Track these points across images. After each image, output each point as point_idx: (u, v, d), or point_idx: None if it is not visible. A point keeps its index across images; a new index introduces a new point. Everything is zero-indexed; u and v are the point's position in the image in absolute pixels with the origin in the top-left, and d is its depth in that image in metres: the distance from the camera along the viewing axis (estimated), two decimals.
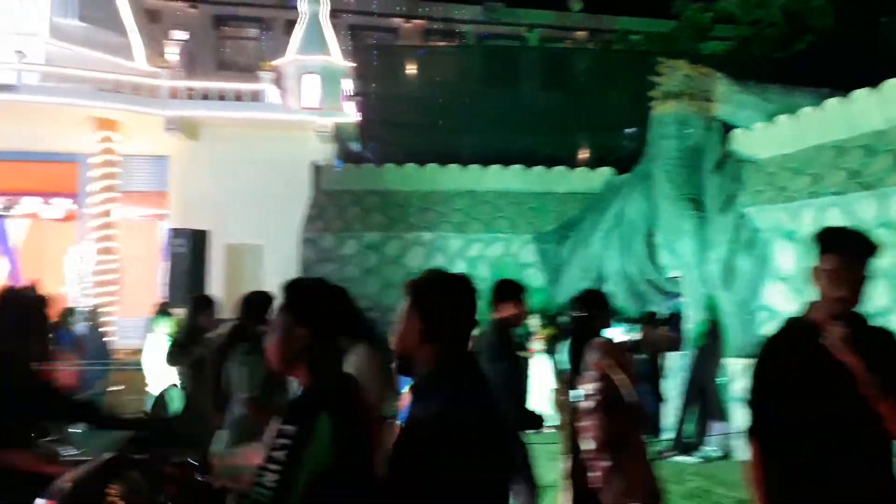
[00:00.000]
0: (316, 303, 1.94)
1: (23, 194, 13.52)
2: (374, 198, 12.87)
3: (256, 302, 3.78)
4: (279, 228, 12.71)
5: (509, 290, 3.94)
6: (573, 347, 3.99)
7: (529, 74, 15.09)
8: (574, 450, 3.87)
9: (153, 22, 17.31)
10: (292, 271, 12.07)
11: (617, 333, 5.83)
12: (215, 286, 11.98)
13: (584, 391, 3.65)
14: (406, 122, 14.52)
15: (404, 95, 14.94)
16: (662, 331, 8.71)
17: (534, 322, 9.68)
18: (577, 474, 3.79)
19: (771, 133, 9.21)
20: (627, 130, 13.67)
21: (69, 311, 10.49)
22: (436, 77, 15.51)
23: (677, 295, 9.86)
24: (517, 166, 13.10)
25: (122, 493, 2.04)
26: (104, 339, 10.26)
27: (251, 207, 13.09)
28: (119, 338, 11.97)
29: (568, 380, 4.09)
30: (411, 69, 15.54)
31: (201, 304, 4.84)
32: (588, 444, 3.58)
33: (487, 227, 12.69)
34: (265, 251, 13.12)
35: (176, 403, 4.34)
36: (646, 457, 3.69)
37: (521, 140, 13.63)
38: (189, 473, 2.09)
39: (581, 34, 23.76)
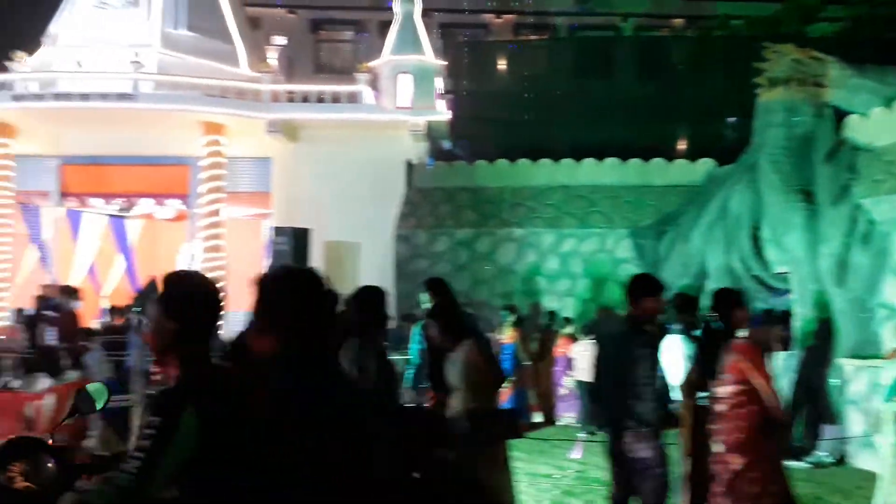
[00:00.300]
0: (184, 298, 1.96)
1: (139, 196, 14.35)
2: (465, 194, 12.94)
3: (368, 297, 3.71)
4: (375, 226, 12.93)
5: (647, 286, 3.86)
6: (705, 348, 3.85)
7: (624, 65, 14.74)
8: (696, 451, 3.74)
9: (254, 28, 17.97)
10: (388, 267, 12.48)
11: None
12: None
13: (718, 393, 3.55)
14: (497, 118, 14.51)
15: (495, 91, 14.93)
16: (776, 330, 8.24)
17: None
18: (699, 476, 3.67)
19: (890, 118, 8.59)
20: (730, 120, 13.13)
21: None
22: (527, 71, 15.42)
23: (785, 292, 9.40)
24: (612, 159, 12.82)
25: (25, 472, 2.03)
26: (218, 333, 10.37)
27: (348, 205, 13.27)
28: (225, 331, 12.42)
29: (694, 381, 3.98)
30: (502, 64, 15.51)
31: None
32: (718, 446, 3.49)
33: (581, 222, 12.51)
34: (362, 248, 13.27)
35: None
36: (779, 462, 3.57)
37: (617, 132, 13.35)
38: (104, 463, 2.09)
39: (678, 21, 22.94)
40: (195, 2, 14.45)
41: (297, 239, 11.56)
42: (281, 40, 14.62)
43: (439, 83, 14.30)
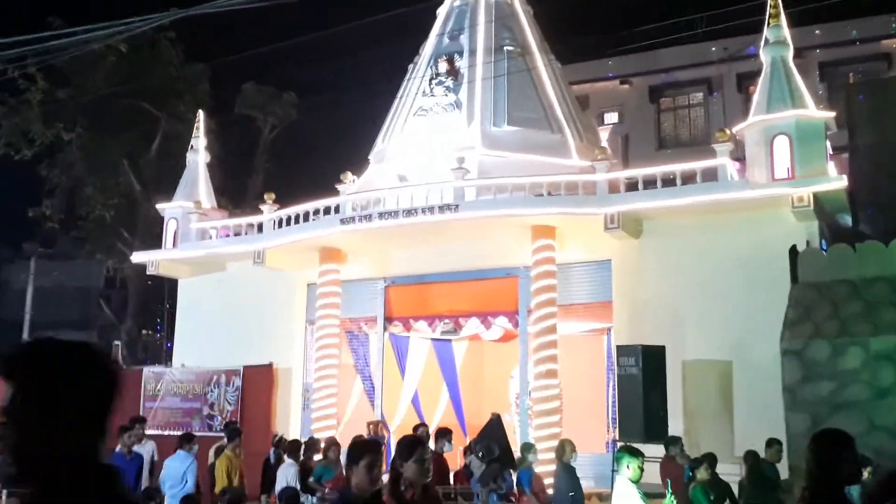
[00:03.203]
0: None
1: (464, 316, 15.50)
2: (882, 286, 11.77)
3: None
4: (750, 338, 12.46)
5: None
6: None
7: None
8: None
9: (583, 109, 18.66)
10: (772, 393, 11.71)
11: None
12: (674, 414, 12.06)
13: None
14: None
15: None
16: None
17: None
18: None
19: None
20: None
21: (526, 447, 11.13)
22: None
23: None
24: None
25: None
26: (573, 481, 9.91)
27: (712, 313, 12.89)
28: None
29: None
30: None
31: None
32: None
33: None
34: (734, 369, 12.83)
35: None
36: None
37: None
38: None
39: None
40: (517, 92, 15.80)
41: (649, 359, 11.63)
42: (613, 117, 15.11)
43: (828, 141, 13.48)
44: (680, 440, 10.71)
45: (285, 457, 11.17)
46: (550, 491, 10.64)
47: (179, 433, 13.62)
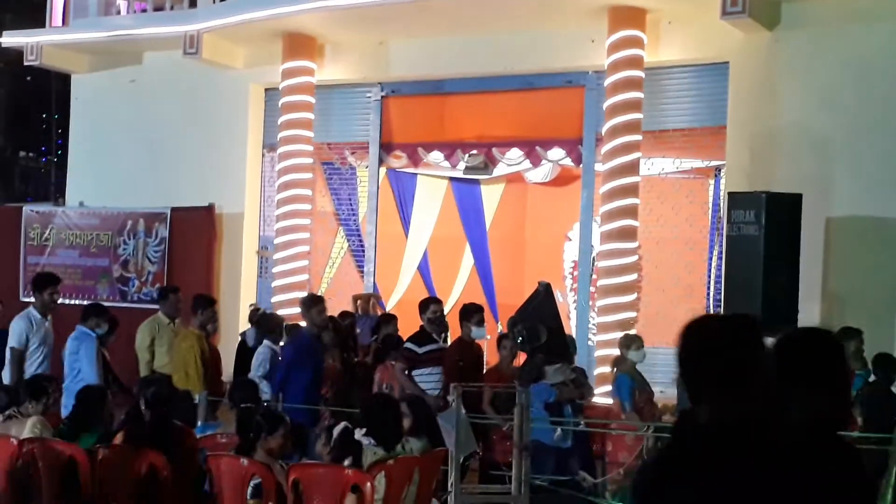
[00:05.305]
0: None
1: (500, 144, 14.94)
2: None
3: None
4: None
5: None
6: None
7: None
8: None
9: None
10: None
11: None
12: (809, 296, 11.55)
13: None
14: None
15: None
16: None
17: None
18: None
19: None
20: None
21: (628, 340, 10.96)
22: None
23: None
24: None
25: None
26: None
27: (879, 148, 12.11)
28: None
29: None
30: None
31: None
32: None
33: None
34: None
35: None
36: None
37: None
38: None
39: None
40: None
41: (776, 214, 11.18)
42: None
43: None
44: (860, 335, 10.28)
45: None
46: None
47: (78, 302, 14.16)
